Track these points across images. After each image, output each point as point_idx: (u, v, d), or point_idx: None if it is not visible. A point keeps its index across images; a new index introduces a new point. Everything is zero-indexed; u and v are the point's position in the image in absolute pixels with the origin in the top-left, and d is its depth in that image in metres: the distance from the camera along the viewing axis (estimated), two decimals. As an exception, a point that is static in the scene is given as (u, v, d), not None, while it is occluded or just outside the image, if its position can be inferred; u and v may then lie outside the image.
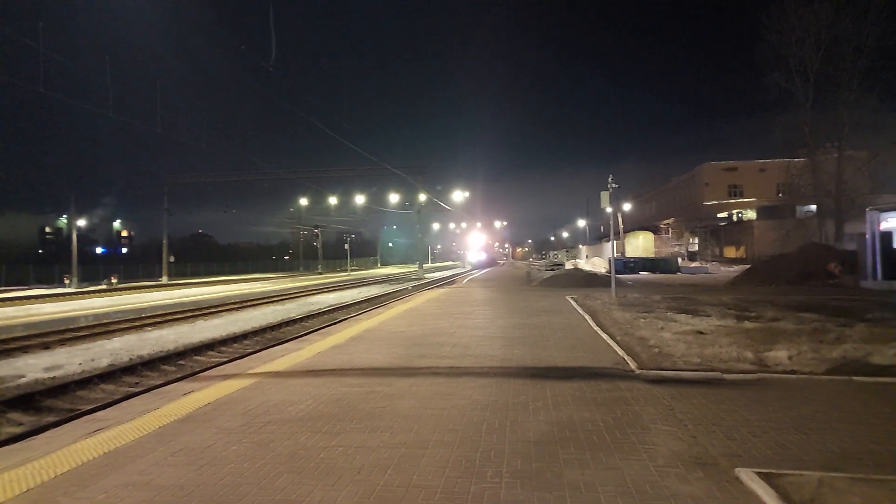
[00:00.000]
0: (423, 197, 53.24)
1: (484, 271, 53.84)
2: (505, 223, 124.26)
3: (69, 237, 47.45)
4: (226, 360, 10.88)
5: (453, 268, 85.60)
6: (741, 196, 57.76)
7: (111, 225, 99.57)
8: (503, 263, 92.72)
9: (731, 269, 36.16)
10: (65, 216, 51.88)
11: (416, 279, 46.39)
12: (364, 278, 51.85)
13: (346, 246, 78.32)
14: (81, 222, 50.07)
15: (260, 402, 5.52)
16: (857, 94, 30.35)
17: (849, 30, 29.84)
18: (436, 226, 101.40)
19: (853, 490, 3.19)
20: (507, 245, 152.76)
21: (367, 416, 4.95)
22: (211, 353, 12.63)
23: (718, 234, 53.87)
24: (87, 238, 72.29)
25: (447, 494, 3.30)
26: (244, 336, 14.53)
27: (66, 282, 42.97)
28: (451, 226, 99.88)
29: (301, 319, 18.29)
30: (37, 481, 3.60)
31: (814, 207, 36.62)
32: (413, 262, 78.79)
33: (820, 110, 32.35)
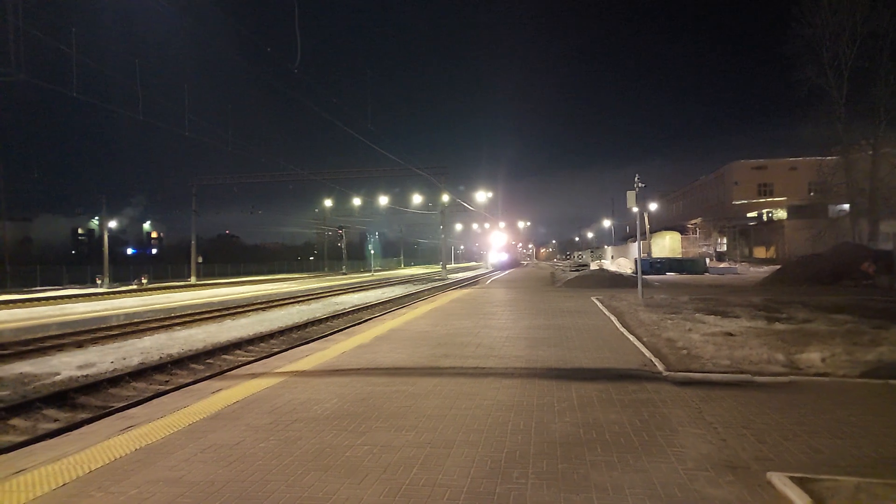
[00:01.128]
0: (445, 197, 53.34)
1: (506, 272, 53.56)
2: (528, 223, 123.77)
3: (101, 238, 48.57)
4: (253, 358, 11.02)
5: (477, 268, 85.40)
6: (771, 195, 56.67)
7: (141, 226, 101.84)
8: (526, 264, 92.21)
9: (761, 269, 35.46)
10: (96, 218, 53.06)
11: (439, 280, 46.44)
12: (388, 279, 52.08)
13: (370, 246, 78.81)
14: (112, 224, 51.25)
15: (287, 400, 5.58)
16: (895, 88, 29.52)
17: (886, 23, 29.05)
18: (458, 226, 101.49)
19: (892, 496, 3.09)
20: (530, 245, 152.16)
21: (392, 415, 4.97)
22: (238, 352, 12.80)
23: (748, 234, 52.93)
24: (118, 239, 73.80)
25: (473, 494, 3.30)
26: (271, 335, 14.71)
27: (98, 282, 43.96)
28: (475, 226, 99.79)
29: (326, 319, 18.45)
30: (72, 476, 3.70)
31: (847, 206, 35.72)
32: (436, 263, 78.94)
33: (854, 106, 31.54)
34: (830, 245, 27.71)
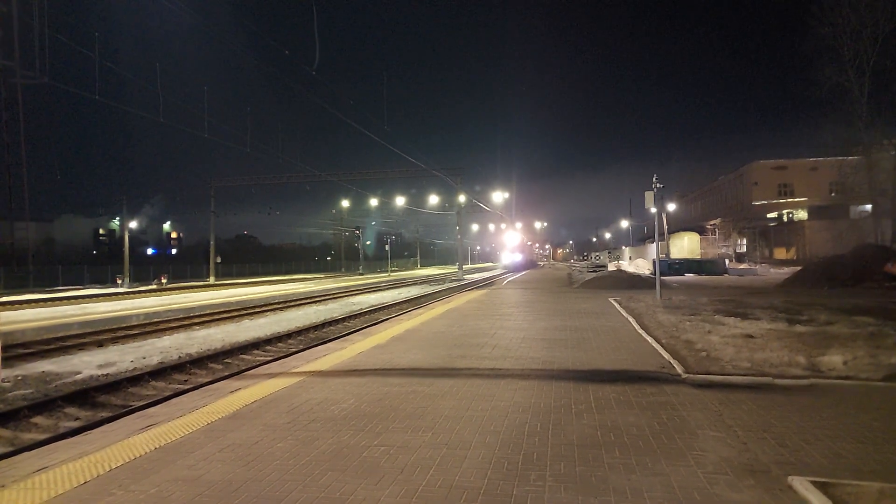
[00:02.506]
0: (462, 198, 53.31)
1: (522, 273, 53.28)
2: (545, 224, 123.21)
3: (121, 239, 49.28)
4: (271, 358, 11.11)
5: (493, 269, 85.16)
6: (791, 195, 55.76)
7: (161, 227, 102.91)
8: (543, 265, 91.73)
9: (782, 270, 34.95)
10: (117, 218, 53.87)
11: (455, 280, 46.43)
12: (404, 279, 52.18)
13: (387, 247, 79.08)
14: (133, 224, 51.84)
15: (304, 400, 5.61)
16: (918, 87, 28.94)
17: None
18: (475, 227, 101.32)
19: (917, 503, 3.03)
20: (547, 246, 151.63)
21: (408, 415, 4.98)
22: (256, 351, 12.91)
23: (768, 235, 52.23)
24: (138, 239, 74.60)
25: (490, 496, 3.29)
26: (288, 335, 14.81)
27: (119, 282, 44.57)
28: (491, 227, 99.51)
29: (343, 319, 18.54)
30: (93, 474, 3.75)
31: (869, 207, 35.10)
32: (453, 264, 78.94)
33: (876, 105, 30.94)
34: (852, 246, 27.18)
